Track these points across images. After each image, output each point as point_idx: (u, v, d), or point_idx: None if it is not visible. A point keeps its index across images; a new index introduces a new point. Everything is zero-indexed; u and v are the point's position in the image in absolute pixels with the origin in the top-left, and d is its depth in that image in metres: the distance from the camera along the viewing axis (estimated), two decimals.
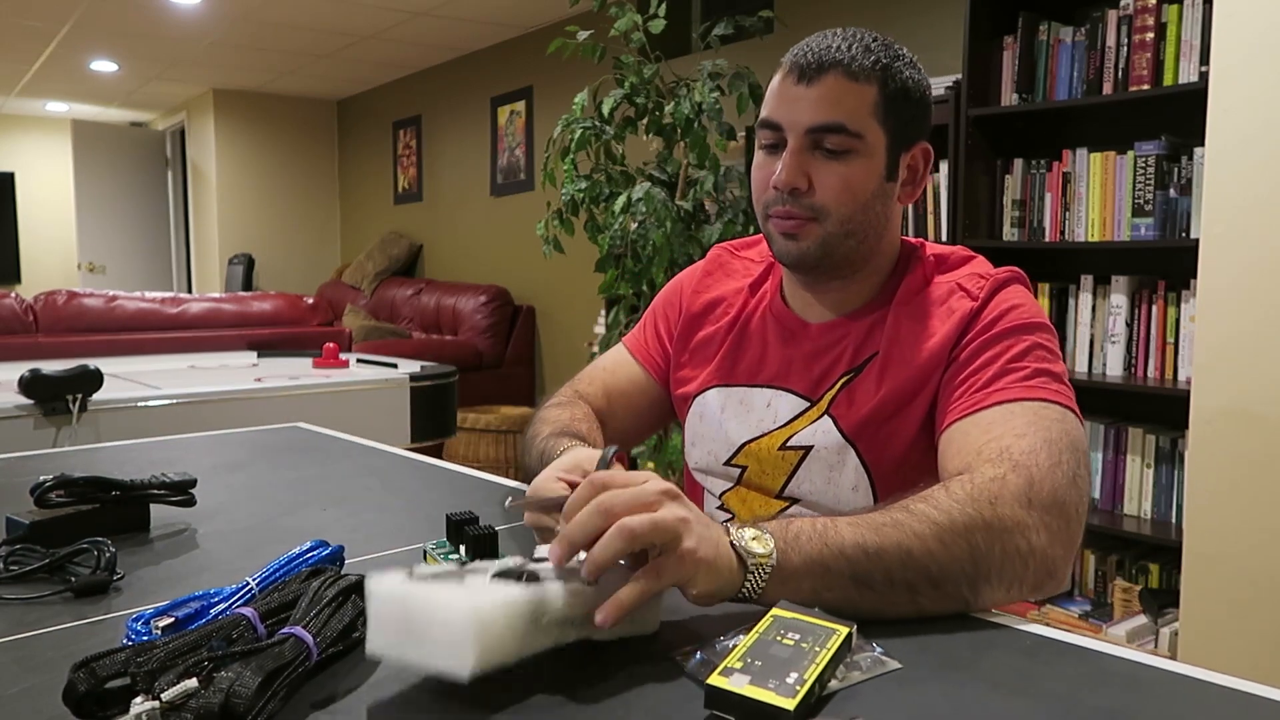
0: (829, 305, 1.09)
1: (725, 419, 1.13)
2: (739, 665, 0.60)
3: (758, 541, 0.71)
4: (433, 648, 0.58)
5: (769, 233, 1.05)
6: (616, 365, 1.26)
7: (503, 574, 0.64)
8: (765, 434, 1.09)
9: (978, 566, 0.75)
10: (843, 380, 1.05)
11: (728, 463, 1.13)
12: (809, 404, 1.07)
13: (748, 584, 0.70)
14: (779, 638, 0.63)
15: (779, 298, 1.14)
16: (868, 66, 0.98)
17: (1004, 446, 0.85)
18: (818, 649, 0.61)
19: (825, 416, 1.05)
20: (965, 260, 1.08)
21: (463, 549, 0.82)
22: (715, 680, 0.58)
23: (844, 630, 0.64)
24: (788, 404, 1.08)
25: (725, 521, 0.74)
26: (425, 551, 0.85)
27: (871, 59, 0.99)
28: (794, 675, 0.58)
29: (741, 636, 0.65)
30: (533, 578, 0.63)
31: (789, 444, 1.07)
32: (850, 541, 0.73)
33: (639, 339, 1.27)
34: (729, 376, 1.14)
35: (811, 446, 1.05)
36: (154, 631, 0.66)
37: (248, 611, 0.64)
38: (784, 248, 1.03)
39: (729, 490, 1.14)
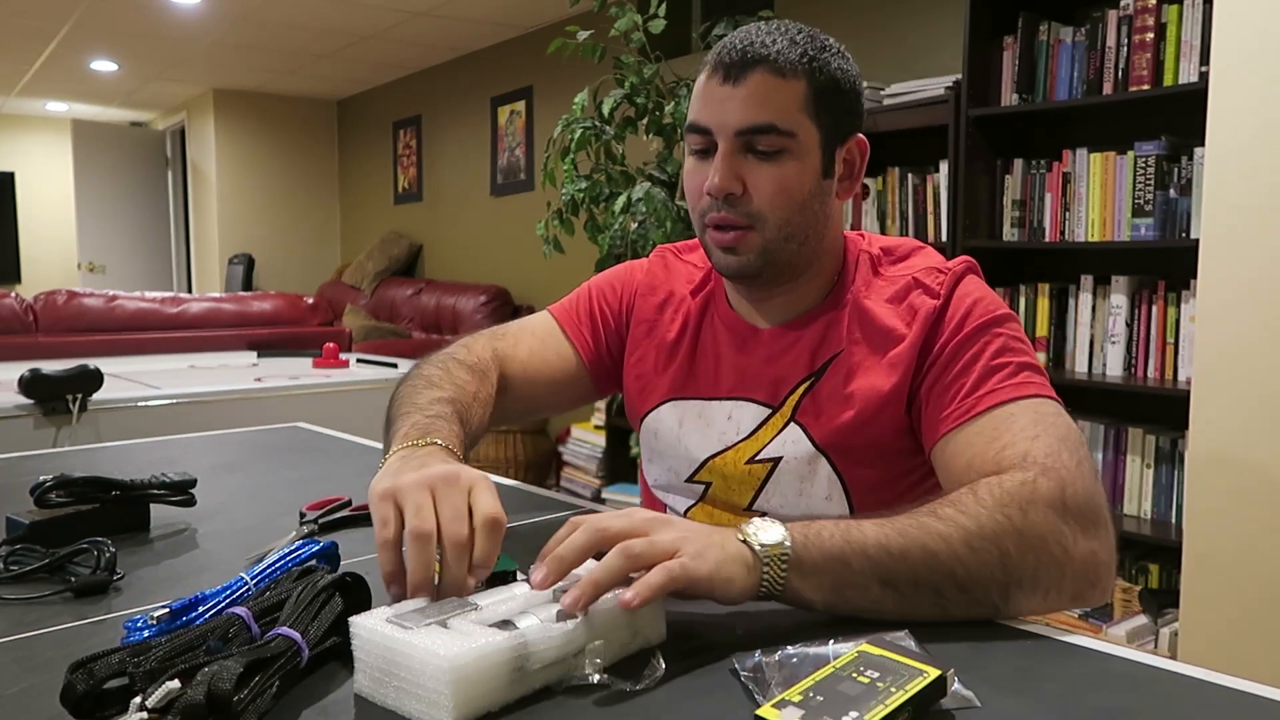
0: (776, 310, 1.05)
1: (684, 434, 1.09)
2: (797, 698, 0.56)
3: (767, 532, 0.70)
4: (412, 700, 0.59)
5: (707, 245, 1.01)
6: (547, 335, 1.17)
7: (496, 622, 0.63)
8: (729, 448, 1.05)
9: (1009, 574, 0.73)
10: (804, 386, 1.02)
11: (689, 479, 1.09)
12: (771, 410, 1.03)
13: (766, 575, 0.69)
14: (855, 674, 0.59)
15: (725, 304, 1.10)
16: (794, 60, 0.94)
17: (1022, 451, 0.82)
18: (893, 690, 0.57)
19: (793, 425, 1.01)
20: (914, 250, 1.04)
21: None
22: (764, 711, 0.55)
23: (934, 673, 0.58)
24: (750, 414, 1.04)
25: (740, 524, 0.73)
26: None
27: (798, 52, 0.95)
28: (852, 714, 0.54)
29: (808, 649, 0.63)
30: (514, 625, 0.62)
31: (757, 458, 1.03)
32: (873, 540, 0.72)
33: (571, 316, 1.19)
34: (682, 390, 1.10)
35: (780, 458, 1.02)
36: (150, 623, 0.66)
37: (242, 611, 0.64)
38: (723, 261, 1.00)
39: (693, 507, 1.10)
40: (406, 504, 0.71)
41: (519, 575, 0.79)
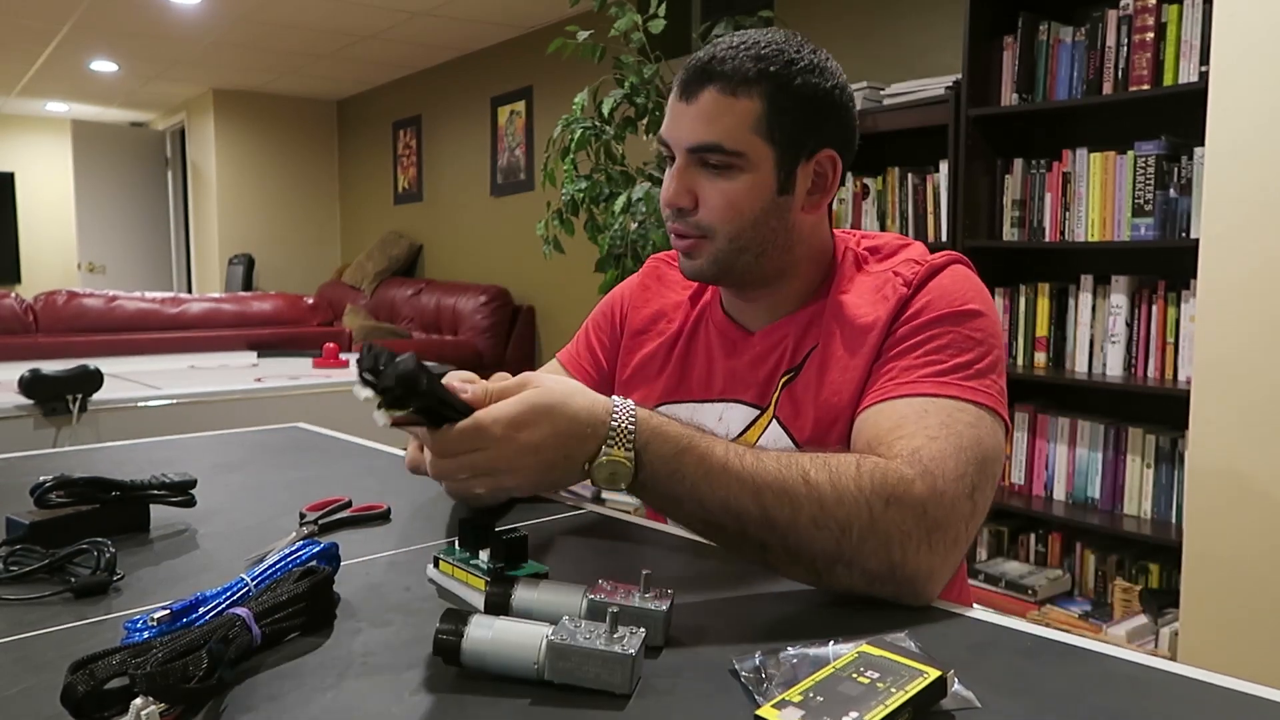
0: (764, 311, 1.07)
1: None
2: (797, 699, 0.56)
3: (615, 478, 0.76)
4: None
5: (675, 248, 1.05)
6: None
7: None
8: None
9: (840, 554, 0.75)
10: (784, 380, 1.03)
11: None
12: (759, 411, 1.04)
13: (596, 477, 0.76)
14: (855, 675, 0.59)
15: (719, 308, 1.12)
16: (751, 78, 0.93)
17: (916, 447, 0.81)
18: (893, 690, 0.57)
19: (774, 423, 1.02)
20: (901, 247, 1.04)
21: (484, 554, 0.79)
22: (764, 712, 0.55)
23: (934, 673, 0.58)
24: (739, 415, 1.05)
25: (613, 427, 0.77)
26: (437, 559, 0.82)
27: (756, 69, 0.93)
28: (852, 715, 0.54)
29: (808, 650, 0.63)
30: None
31: None
32: (719, 503, 0.76)
33: (571, 352, 1.24)
34: (675, 392, 1.11)
35: None
36: (150, 623, 0.66)
37: (242, 611, 0.64)
38: (683, 264, 1.03)
39: None
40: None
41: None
